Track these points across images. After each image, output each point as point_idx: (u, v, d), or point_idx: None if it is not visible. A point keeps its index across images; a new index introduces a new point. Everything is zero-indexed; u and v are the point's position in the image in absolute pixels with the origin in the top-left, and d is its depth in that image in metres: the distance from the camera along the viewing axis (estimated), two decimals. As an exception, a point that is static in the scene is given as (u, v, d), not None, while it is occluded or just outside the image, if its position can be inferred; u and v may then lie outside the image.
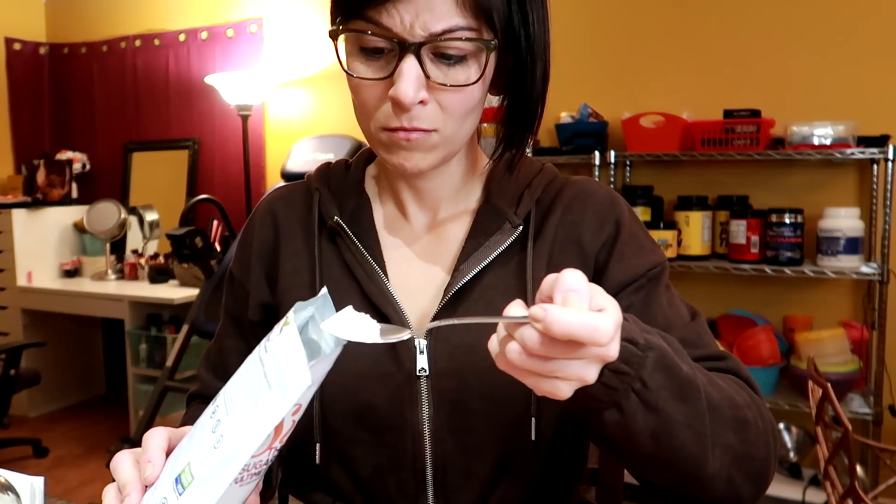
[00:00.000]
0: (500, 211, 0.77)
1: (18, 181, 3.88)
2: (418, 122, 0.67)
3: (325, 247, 0.79)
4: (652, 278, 0.76)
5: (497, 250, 0.75)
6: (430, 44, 0.64)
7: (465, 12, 0.63)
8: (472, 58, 0.66)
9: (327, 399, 0.74)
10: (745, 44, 2.58)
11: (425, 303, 0.77)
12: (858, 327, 2.36)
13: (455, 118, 0.69)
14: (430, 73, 0.65)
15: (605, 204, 0.79)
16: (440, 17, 0.63)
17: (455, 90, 0.66)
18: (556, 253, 0.77)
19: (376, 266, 0.76)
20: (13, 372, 2.88)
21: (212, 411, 0.55)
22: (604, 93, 2.79)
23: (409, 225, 0.81)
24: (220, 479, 0.52)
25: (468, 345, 0.73)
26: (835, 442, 1.29)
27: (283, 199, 0.85)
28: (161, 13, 3.79)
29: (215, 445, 0.52)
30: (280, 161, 3.33)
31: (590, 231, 0.77)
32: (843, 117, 2.34)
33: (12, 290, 3.59)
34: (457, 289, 0.73)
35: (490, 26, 0.65)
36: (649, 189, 2.64)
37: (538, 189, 0.79)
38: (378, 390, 0.73)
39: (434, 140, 0.69)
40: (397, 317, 0.74)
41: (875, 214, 2.38)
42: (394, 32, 0.64)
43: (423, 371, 0.73)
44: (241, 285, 0.84)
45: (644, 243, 0.78)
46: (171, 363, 2.98)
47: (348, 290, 0.76)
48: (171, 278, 3.47)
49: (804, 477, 2.34)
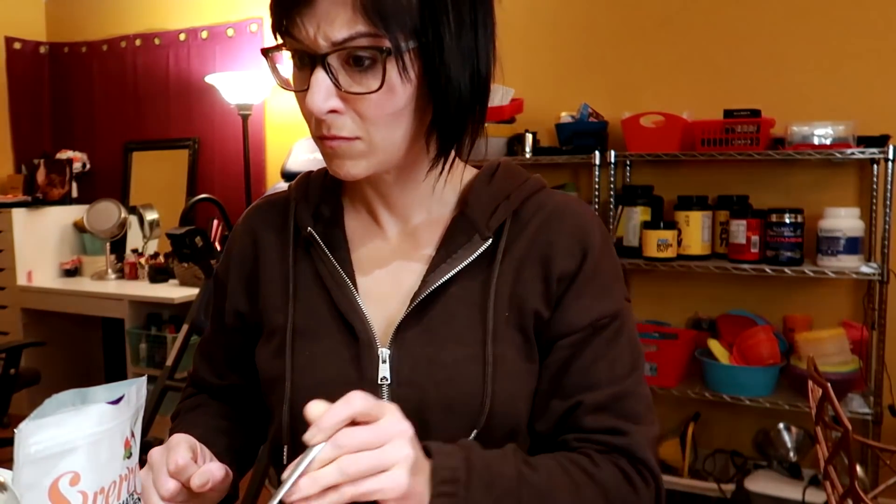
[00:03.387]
0: (472, 222, 0.76)
1: (18, 180, 3.88)
2: (337, 130, 0.68)
3: (301, 257, 0.81)
4: (599, 328, 0.75)
5: (464, 262, 0.74)
6: (335, 53, 0.65)
7: (365, 19, 0.63)
8: (380, 65, 0.65)
9: (296, 402, 0.75)
10: (745, 44, 2.58)
11: (392, 312, 0.77)
12: (858, 327, 2.36)
13: (378, 125, 0.68)
14: (340, 82, 0.66)
15: (579, 228, 0.77)
16: (340, 26, 0.64)
17: (367, 97, 0.66)
18: (524, 270, 0.76)
19: (345, 276, 0.77)
20: (13, 371, 2.88)
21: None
22: (604, 93, 2.79)
23: (382, 232, 0.81)
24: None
25: (430, 357, 0.74)
26: (835, 442, 1.29)
27: (262, 210, 0.87)
28: (161, 12, 3.79)
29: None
30: (280, 160, 3.32)
31: (559, 254, 0.76)
32: (843, 117, 2.34)
33: (12, 290, 3.59)
34: (422, 298, 0.74)
35: (396, 31, 0.64)
36: (649, 189, 2.64)
37: (516, 201, 0.78)
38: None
39: (360, 148, 0.69)
40: (362, 326, 0.75)
41: (875, 214, 2.38)
42: (305, 45, 0.65)
43: (385, 380, 0.74)
44: (223, 289, 0.88)
45: (606, 283, 0.77)
46: (171, 363, 2.98)
47: (320, 299, 0.78)
48: (171, 278, 3.47)
49: (804, 477, 2.34)
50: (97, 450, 0.56)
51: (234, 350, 0.88)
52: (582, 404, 0.74)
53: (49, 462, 0.54)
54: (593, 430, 0.73)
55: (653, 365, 2.49)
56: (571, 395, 0.74)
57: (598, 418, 0.73)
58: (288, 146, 3.25)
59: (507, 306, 0.75)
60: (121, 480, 0.59)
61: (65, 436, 0.54)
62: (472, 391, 0.72)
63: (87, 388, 0.58)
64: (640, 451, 0.73)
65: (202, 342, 0.94)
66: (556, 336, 0.75)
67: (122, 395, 0.59)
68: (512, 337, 0.75)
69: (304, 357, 0.77)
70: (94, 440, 0.56)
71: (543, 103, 2.84)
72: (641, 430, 0.74)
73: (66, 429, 0.54)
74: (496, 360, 0.73)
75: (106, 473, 0.57)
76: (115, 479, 0.58)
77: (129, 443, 0.60)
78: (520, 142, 2.69)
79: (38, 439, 0.53)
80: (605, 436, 0.73)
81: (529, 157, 2.66)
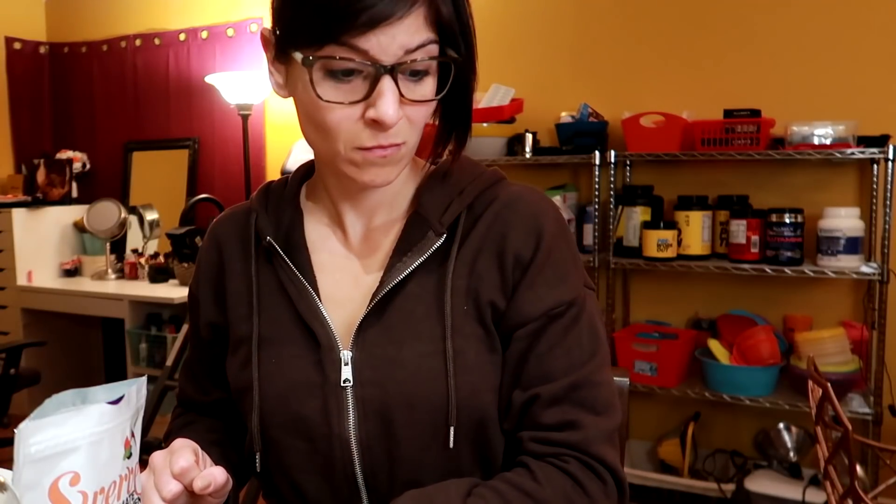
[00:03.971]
0: (425, 219, 0.77)
1: (18, 180, 3.88)
2: (394, 137, 0.69)
3: (263, 266, 0.82)
4: (555, 316, 0.75)
5: (418, 259, 0.75)
6: (403, 64, 0.66)
7: (430, 29, 0.67)
8: (431, 72, 0.70)
9: (265, 410, 0.77)
10: (745, 44, 2.58)
11: (353, 313, 0.78)
12: (858, 327, 2.36)
13: (418, 129, 0.73)
14: (403, 91, 0.67)
15: (531, 216, 0.77)
16: (413, 38, 0.66)
17: (422, 104, 0.70)
18: (479, 262, 0.76)
19: (306, 282, 0.78)
20: (13, 371, 2.88)
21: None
22: (604, 93, 2.79)
23: (343, 235, 0.82)
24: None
25: (390, 356, 0.74)
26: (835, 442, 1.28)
27: (225, 222, 0.88)
28: (161, 12, 3.79)
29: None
30: (280, 160, 3.33)
31: (513, 243, 0.76)
32: (843, 117, 2.34)
33: (12, 290, 3.59)
34: (379, 298, 0.75)
35: (447, 39, 0.69)
36: (649, 189, 2.64)
37: (470, 195, 0.78)
38: (307, 400, 0.76)
39: (403, 152, 0.72)
40: (323, 331, 0.76)
41: (875, 214, 2.38)
42: (370, 56, 0.65)
43: (348, 381, 0.75)
44: (196, 302, 0.89)
45: (561, 270, 0.76)
46: (171, 363, 2.98)
47: (283, 307, 0.79)
48: (171, 278, 3.47)
49: (804, 477, 2.35)
50: (97, 450, 0.56)
51: (214, 364, 0.89)
52: (539, 398, 0.73)
53: (49, 462, 0.54)
54: (548, 427, 0.73)
55: (653, 365, 2.49)
56: (529, 387, 0.74)
57: (553, 413, 0.73)
58: (288, 146, 3.25)
59: (464, 300, 0.75)
60: (121, 480, 0.59)
61: (65, 436, 0.54)
62: (434, 388, 0.73)
63: (87, 388, 0.58)
64: (594, 447, 0.72)
65: (185, 362, 0.95)
66: (513, 326, 0.75)
67: (122, 395, 0.59)
68: (472, 330, 0.75)
69: (270, 365, 0.78)
70: (94, 440, 0.56)
71: (543, 103, 2.84)
72: (598, 423, 0.73)
73: (66, 429, 0.55)
74: (456, 354, 0.73)
75: (106, 473, 0.57)
76: (115, 479, 0.58)
77: (129, 443, 0.60)
78: (520, 142, 2.69)
79: (38, 439, 0.53)
80: (559, 433, 0.72)
81: (529, 157, 2.66)
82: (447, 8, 0.68)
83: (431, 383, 0.73)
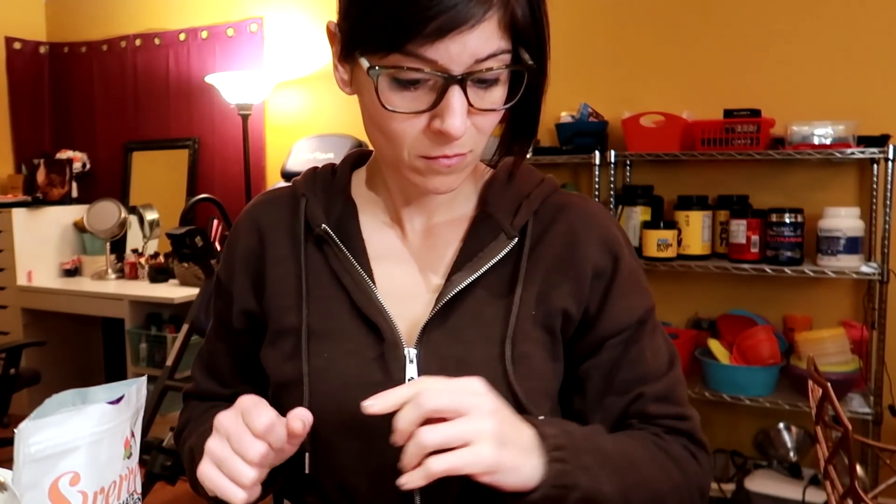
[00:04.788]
0: (496, 221, 0.76)
1: (18, 180, 3.89)
2: (460, 147, 0.67)
3: (312, 254, 0.78)
4: (642, 322, 0.77)
5: (490, 261, 0.74)
6: (473, 73, 0.63)
7: (504, 36, 0.63)
8: (502, 78, 0.66)
9: (315, 407, 0.72)
10: (745, 44, 2.57)
11: (415, 311, 0.76)
12: (858, 327, 2.36)
13: (485, 136, 0.70)
14: (472, 101, 0.65)
15: (604, 228, 0.78)
16: (485, 46, 0.62)
17: (490, 113, 0.67)
18: (551, 269, 0.76)
19: (364, 274, 0.75)
20: (13, 371, 2.88)
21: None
22: (604, 93, 2.79)
23: (401, 230, 0.80)
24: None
25: (458, 356, 0.73)
26: (835, 441, 1.28)
27: (267, 205, 0.84)
28: (161, 12, 3.79)
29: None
30: (280, 160, 3.32)
31: (590, 257, 0.76)
32: (843, 117, 2.34)
33: (12, 290, 3.59)
34: (448, 298, 0.73)
35: (523, 44, 0.65)
36: (649, 189, 2.64)
37: (536, 201, 0.78)
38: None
39: (468, 160, 0.70)
40: (387, 326, 0.74)
41: (875, 214, 2.38)
42: (439, 65, 0.62)
43: (413, 380, 0.73)
44: (227, 290, 0.84)
45: (640, 280, 0.79)
46: (171, 362, 2.98)
47: (336, 299, 0.76)
48: (172, 277, 3.47)
49: (804, 476, 2.34)
50: (97, 450, 0.56)
51: (242, 356, 0.85)
52: (643, 396, 0.76)
53: (49, 462, 0.54)
54: (659, 417, 0.76)
55: (653, 365, 2.49)
56: (629, 390, 0.76)
57: (661, 407, 0.76)
58: (288, 146, 3.25)
59: (533, 305, 0.75)
60: (121, 480, 0.59)
61: (65, 436, 0.54)
62: (500, 391, 0.70)
63: (87, 388, 0.58)
64: (699, 434, 0.78)
65: (202, 356, 0.90)
66: (606, 336, 0.76)
67: (122, 395, 0.59)
68: (538, 336, 0.75)
69: (321, 359, 0.74)
70: (94, 440, 0.56)
71: (543, 103, 2.84)
72: (694, 415, 0.78)
73: (66, 429, 0.55)
74: (521, 359, 0.73)
75: (106, 473, 0.57)
76: (115, 479, 0.58)
77: (129, 443, 0.60)
78: (520, 142, 2.69)
79: (38, 439, 0.53)
80: (670, 421, 0.76)
81: (529, 156, 2.66)
82: (524, 12, 0.64)
83: (497, 386, 0.70)
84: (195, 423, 0.85)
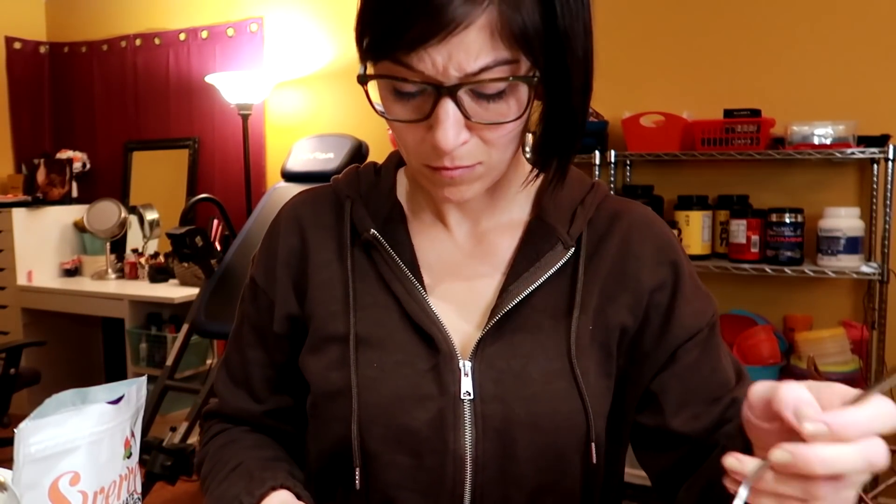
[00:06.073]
0: (552, 229, 0.73)
1: (19, 180, 3.89)
2: (461, 160, 0.63)
3: (359, 259, 0.75)
4: (712, 326, 0.75)
5: (549, 271, 0.71)
6: (466, 85, 0.58)
7: (500, 44, 0.57)
8: (512, 88, 0.61)
9: (364, 421, 0.69)
10: (745, 44, 2.58)
11: (469, 321, 0.72)
12: (858, 327, 2.36)
13: (499, 149, 0.65)
14: (470, 114, 0.60)
15: (664, 239, 0.76)
16: (475, 56, 0.57)
17: (500, 126, 0.62)
18: (609, 282, 0.73)
19: (416, 282, 0.72)
20: (13, 371, 2.88)
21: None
22: (604, 93, 2.78)
23: (450, 236, 0.76)
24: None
25: (515, 370, 0.69)
26: (835, 441, 1.28)
27: (309, 205, 0.79)
28: (161, 12, 3.79)
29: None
30: (280, 160, 3.32)
31: (648, 266, 0.73)
32: (843, 117, 2.34)
33: (12, 290, 3.59)
34: (508, 309, 0.70)
35: (529, 52, 0.59)
36: (649, 189, 2.64)
37: (591, 208, 0.75)
38: (418, 413, 0.69)
39: (479, 171, 0.65)
40: (441, 337, 0.70)
41: (875, 214, 2.38)
42: (426, 76, 0.58)
43: (468, 395, 0.69)
44: (266, 295, 0.78)
45: (701, 285, 0.76)
46: (171, 362, 2.98)
47: (386, 307, 0.73)
48: (172, 277, 3.47)
49: (804, 477, 2.34)
50: (97, 450, 0.56)
51: (280, 365, 0.79)
52: (736, 400, 0.72)
53: (49, 462, 0.54)
54: None
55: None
56: (719, 397, 0.73)
57: None
58: (288, 146, 3.25)
59: (591, 320, 0.72)
60: (121, 480, 0.59)
61: (65, 436, 0.54)
62: (560, 407, 0.69)
63: (87, 388, 0.58)
64: None
65: (228, 368, 0.83)
66: (678, 343, 0.73)
67: (122, 395, 0.59)
68: (593, 351, 0.72)
69: (370, 369, 0.70)
70: (94, 440, 0.56)
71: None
72: None
73: (66, 429, 0.55)
74: (583, 375, 0.70)
75: (106, 473, 0.57)
76: (115, 478, 0.58)
77: (129, 443, 0.60)
78: (520, 142, 2.69)
79: (38, 439, 0.53)
80: None
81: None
82: (529, 16, 0.57)
83: (558, 402, 0.69)
84: (218, 466, 0.78)
